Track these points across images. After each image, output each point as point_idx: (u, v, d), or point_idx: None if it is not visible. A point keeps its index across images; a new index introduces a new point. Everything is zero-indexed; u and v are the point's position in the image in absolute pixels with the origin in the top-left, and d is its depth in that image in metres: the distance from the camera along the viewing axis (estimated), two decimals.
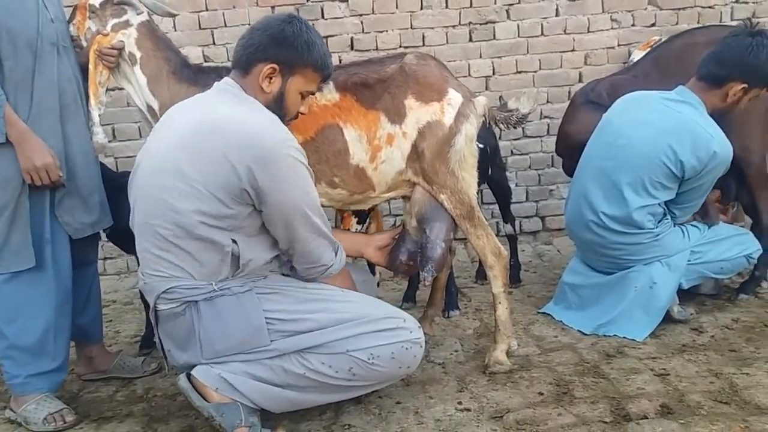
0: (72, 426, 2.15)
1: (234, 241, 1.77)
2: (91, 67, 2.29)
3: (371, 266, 2.87)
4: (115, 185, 2.37)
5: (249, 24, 3.79)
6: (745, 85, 2.40)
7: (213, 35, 3.85)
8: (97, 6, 2.32)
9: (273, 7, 3.81)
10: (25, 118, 2.06)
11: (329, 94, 2.16)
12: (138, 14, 2.34)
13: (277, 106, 1.87)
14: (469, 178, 2.22)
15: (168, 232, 1.74)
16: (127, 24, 2.32)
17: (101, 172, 2.38)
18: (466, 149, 2.19)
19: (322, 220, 1.86)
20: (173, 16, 2.64)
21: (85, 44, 2.34)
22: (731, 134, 2.46)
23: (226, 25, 3.84)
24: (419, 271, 2.24)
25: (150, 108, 2.32)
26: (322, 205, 2.21)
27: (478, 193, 2.36)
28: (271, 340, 1.79)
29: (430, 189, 2.21)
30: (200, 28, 3.86)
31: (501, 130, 2.44)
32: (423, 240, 2.22)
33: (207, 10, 3.83)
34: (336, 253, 1.93)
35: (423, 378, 2.26)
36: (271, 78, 1.84)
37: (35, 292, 2.13)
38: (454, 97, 2.18)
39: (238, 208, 1.74)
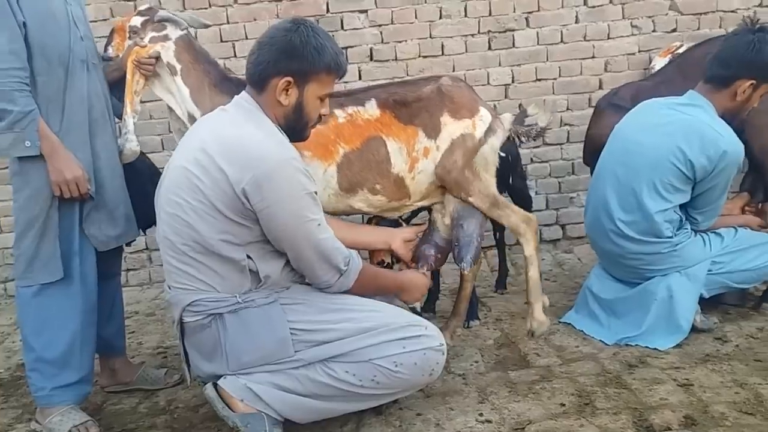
0: None
1: (249, 257, 1.80)
2: (128, 76, 2.41)
3: None
4: None
5: None
6: (753, 82, 2.40)
7: (234, 48, 3.90)
8: (138, 26, 2.45)
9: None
10: (56, 132, 2.11)
11: (371, 110, 2.40)
12: (179, 29, 2.46)
13: (297, 115, 1.90)
14: (490, 178, 2.50)
15: (187, 247, 1.79)
16: (166, 38, 2.45)
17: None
18: (489, 156, 2.46)
19: (323, 243, 1.83)
20: (208, 26, 2.76)
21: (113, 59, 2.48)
22: (751, 136, 2.45)
23: (247, 38, 3.88)
24: (458, 264, 2.49)
25: (191, 117, 2.46)
26: (361, 211, 2.45)
27: None
28: (296, 351, 1.82)
29: (461, 194, 2.45)
30: (221, 41, 3.91)
31: (522, 143, 2.61)
32: (459, 234, 2.48)
33: (228, 23, 3.88)
34: (340, 275, 1.89)
35: (443, 389, 2.26)
36: (287, 91, 1.85)
37: (63, 304, 2.16)
38: (485, 115, 2.44)
39: (247, 224, 1.77)
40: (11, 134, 2.03)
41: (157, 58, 2.44)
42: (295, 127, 1.92)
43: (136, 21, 2.46)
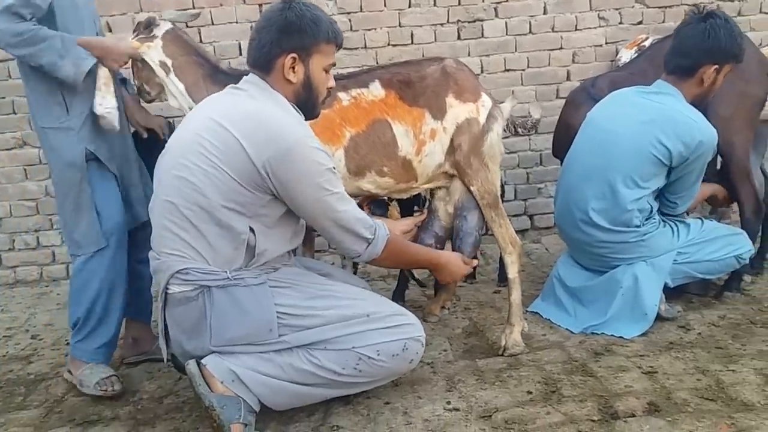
0: (119, 394, 2.30)
1: (251, 230, 1.81)
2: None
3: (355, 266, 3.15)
4: None
5: (236, 22, 3.79)
6: (716, 66, 2.46)
7: (200, 33, 3.82)
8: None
9: (260, 5, 3.79)
10: (79, 114, 2.27)
11: (376, 90, 2.36)
12: (164, 26, 2.45)
13: (308, 90, 1.93)
14: (496, 170, 2.46)
15: (190, 212, 1.80)
16: (153, 37, 2.43)
17: None
18: (496, 146, 2.43)
19: (346, 215, 1.87)
20: (195, 17, 2.74)
21: (152, 94, 2.53)
22: (716, 129, 2.49)
23: (213, 23, 3.81)
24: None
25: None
26: (370, 193, 2.43)
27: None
28: (281, 334, 1.83)
29: (463, 179, 2.42)
30: (187, 26, 3.80)
31: (518, 134, 2.69)
32: (461, 226, 2.46)
33: (194, 7, 3.79)
34: (368, 244, 1.92)
35: (412, 378, 2.25)
36: (294, 68, 1.88)
37: (98, 270, 2.32)
38: (486, 100, 2.42)
39: (257, 194, 1.79)
40: (67, 61, 2.15)
41: (142, 60, 2.43)
42: (307, 103, 1.95)
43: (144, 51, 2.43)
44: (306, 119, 1.94)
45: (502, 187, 3.31)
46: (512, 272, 2.46)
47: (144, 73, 2.48)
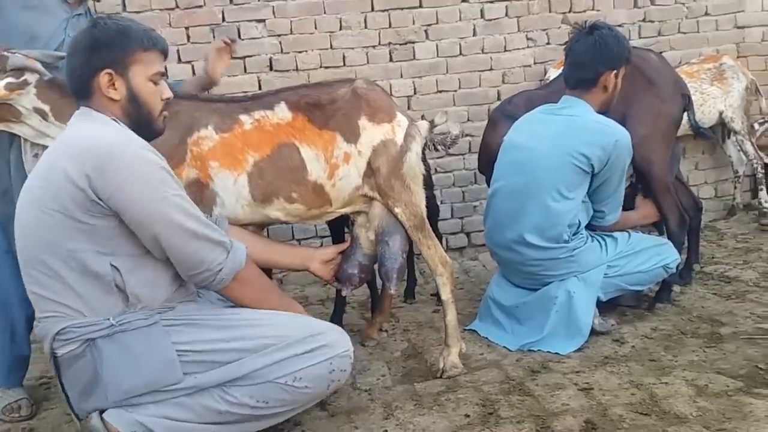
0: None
1: (115, 268, 1.66)
2: None
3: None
4: None
5: None
6: (615, 71, 2.59)
7: None
8: None
9: (187, 28, 3.71)
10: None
11: (281, 113, 2.25)
12: (36, 73, 2.26)
13: (136, 105, 1.78)
14: (420, 191, 2.38)
15: (43, 267, 1.65)
16: (25, 83, 2.25)
17: None
18: (416, 166, 2.36)
19: (195, 220, 1.72)
20: (62, 58, 2.50)
21: None
22: (633, 148, 2.57)
23: None
24: (384, 282, 2.41)
25: None
26: (279, 220, 2.29)
27: None
28: (186, 374, 1.68)
29: (386, 203, 2.33)
30: None
31: (437, 151, 2.66)
32: (384, 252, 2.36)
33: None
34: (228, 252, 1.77)
35: (348, 407, 2.20)
36: (113, 85, 1.74)
37: None
38: (402, 120, 2.34)
39: (97, 220, 1.64)
40: None
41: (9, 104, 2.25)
42: (140, 119, 1.79)
43: None
44: (149, 139, 1.79)
45: (437, 206, 3.33)
46: (445, 293, 2.41)
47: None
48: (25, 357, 2.42)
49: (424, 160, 2.84)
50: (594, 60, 2.56)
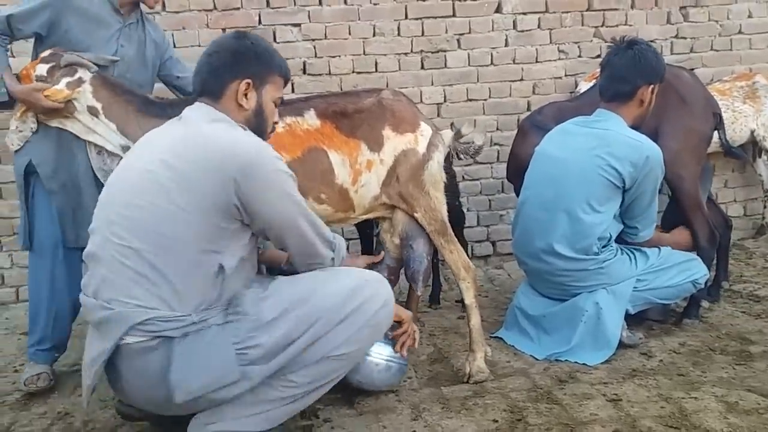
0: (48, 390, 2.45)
1: (221, 267, 1.69)
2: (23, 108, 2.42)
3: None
4: None
5: (199, 45, 3.75)
6: (651, 86, 2.61)
7: None
8: (45, 74, 2.37)
9: (224, 29, 3.76)
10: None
11: (311, 120, 2.36)
12: (89, 70, 2.40)
13: (258, 119, 1.88)
14: (440, 197, 2.44)
15: (152, 256, 1.64)
16: (80, 81, 2.38)
17: None
18: (437, 173, 2.42)
19: (313, 222, 1.85)
20: (115, 62, 2.57)
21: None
22: (665, 164, 2.58)
23: (175, 46, 3.76)
24: (411, 284, 2.51)
25: (125, 148, 2.37)
26: None
27: None
28: (241, 364, 1.68)
29: (406, 208, 2.41)
30: None
31: (460, 159, 2.67)
32: (409, 255, 2.44)
33: None
34: (333, 248, 1.92)
35: (376, 407, 2.21)
36: (246, 94, 1.83)
37: (42, 273, 2.51)
38: (426, 129, 2.42)
39: (223, 223, 1.69)
40: None
41: (69, 101, 2.37)
42: (256, 133, 1.85)
43: (42, 69, 2.36)
44: None
45: (463, 214, 3.34)
46: (468, 298, 2.44)
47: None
48: (64, 340, 2.58)
49: (449, 167, 2.88)
50: (633, 73, 2.58)
